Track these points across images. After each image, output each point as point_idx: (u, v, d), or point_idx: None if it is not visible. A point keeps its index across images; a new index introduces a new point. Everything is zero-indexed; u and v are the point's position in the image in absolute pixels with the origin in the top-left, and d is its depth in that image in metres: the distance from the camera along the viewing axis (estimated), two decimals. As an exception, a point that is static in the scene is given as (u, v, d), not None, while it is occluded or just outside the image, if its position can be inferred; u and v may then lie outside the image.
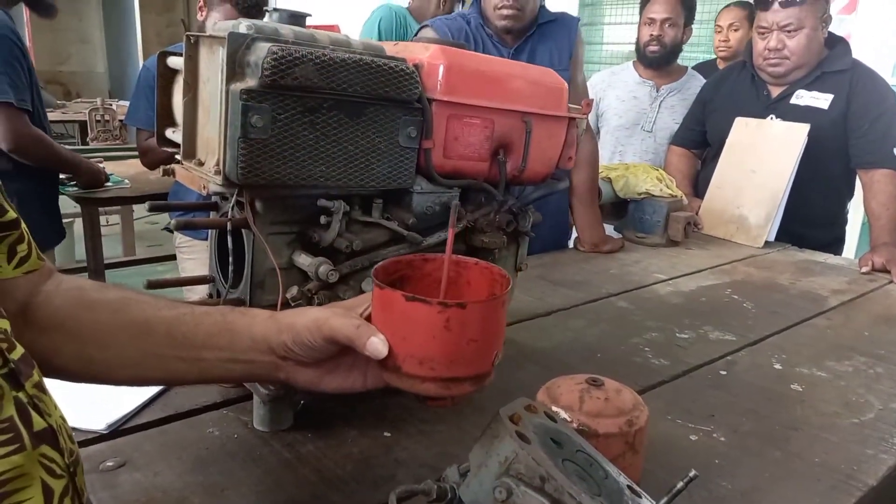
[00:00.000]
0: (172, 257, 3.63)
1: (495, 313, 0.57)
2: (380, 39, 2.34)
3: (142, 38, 7.47)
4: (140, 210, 4.38)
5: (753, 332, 1.22)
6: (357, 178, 0.74)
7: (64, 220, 3.57)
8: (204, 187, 0.73)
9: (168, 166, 0.76)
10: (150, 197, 2.34)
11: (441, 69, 0.78)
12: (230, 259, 0.78)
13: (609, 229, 1.95)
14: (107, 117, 3.82)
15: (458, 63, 0.79)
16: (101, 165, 2.45)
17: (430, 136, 0.78)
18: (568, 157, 0.94)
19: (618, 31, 5.17)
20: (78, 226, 3.14)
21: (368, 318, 0.58)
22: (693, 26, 2.48)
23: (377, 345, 0.55)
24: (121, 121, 4.14)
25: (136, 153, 3.45)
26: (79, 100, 6.15)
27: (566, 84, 0.91)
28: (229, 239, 0.76)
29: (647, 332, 1.20)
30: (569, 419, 0.69)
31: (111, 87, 8.26)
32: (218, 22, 0.74)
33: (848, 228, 2.22)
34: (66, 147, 2.24)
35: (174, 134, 0.83)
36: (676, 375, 1.03)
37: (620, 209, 1.95)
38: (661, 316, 1.29)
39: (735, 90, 2.11)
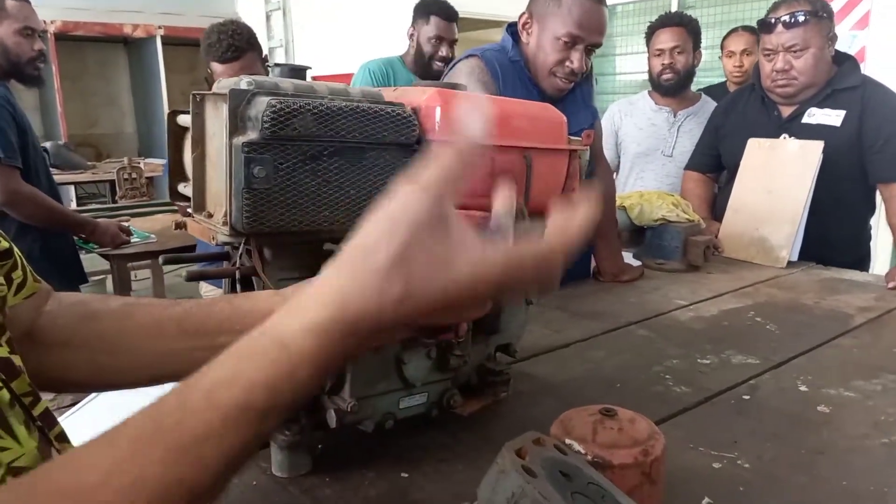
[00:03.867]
0: (201, 308, 3.71)
1: None
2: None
3: (167, 97, 7.72)
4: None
5: (777, 355, 1.20)
6: (361, 221, 0.76)
7: (95, 277, 3.68)
8: (213, 238, 0.75)
9: (180, 220, 0.79)
10: (175, 250, 2.40)
11: (438, 111, 0.80)
12: (242, 307, 0.79)
13: (627, 257, 1.94)
14: (133, 175, 3.95)
15: (454, 104, 0.81)
16: (126, 224, 2.52)
17: (432, 177, 0.80)
18: (571, 189, 0.95)
19: (629, 61, 5.23)
20: (110, 283, 3.21)
21: None
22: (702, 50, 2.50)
23: None
24: (147, 178, 4.26)
25: (164, 208, 3.56)
26: (108, 160, 6.37)
27: (565, 118, 0.92)
28: (239, 287, 0.78)
29: (668, 360, 1.18)
30: (582, 451, 0.69)
31: (140, 146, 8.52)
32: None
33: (876, 245, 2.18)
34: (78, 209, 2.33)
35: (185, 188, 0.86)
36: (699, 402, 1.02)
37: (638, 236, 1.94)
38: (682, 342, 1.27)
39: (746, 113, 2.11)
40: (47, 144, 4.91)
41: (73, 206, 5.51)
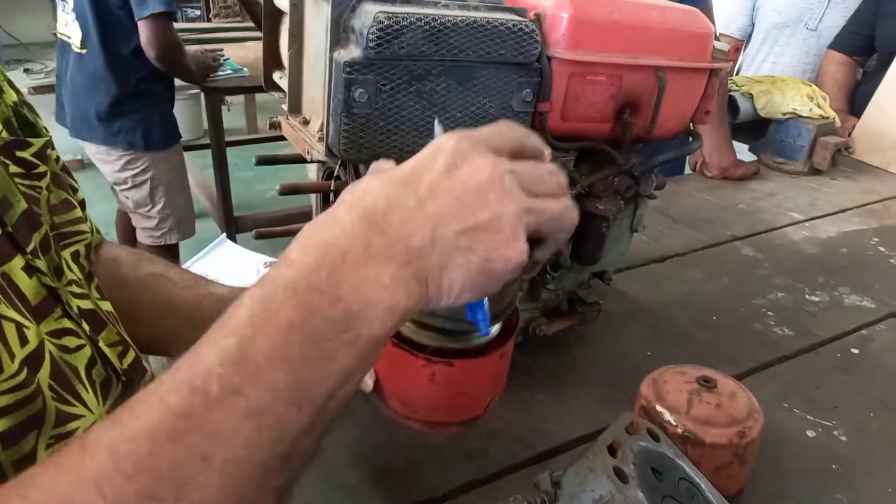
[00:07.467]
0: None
1: (489, 367, 0.54)
2: None
3: None
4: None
5: (898, 299, 1.10)
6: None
7: (191, 91, 3.70)
8: (308, 153, 0.70)
9: (274, 119, 0.74)
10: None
11: (565, 21, 0.68)
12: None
13: (743, 150, 1.77)
14: (228, -7, 3.83)
15: (585, 13, 0.69)
16: (221, 54, 2.49)
17: (548, 99, 0.70)
18: (705, 112, 0.83)
19: None
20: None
21: None
22: None
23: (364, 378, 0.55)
24: (242, -5, 4.13)
25: (258, 34, 3.43)
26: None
27: (713, 28, 0.78)
28: (333, 200, 0.75)
29: (772, 291, 1.10)
30: (674, 422, 0.66)
31: (234, -48, 8.21)
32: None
33: None
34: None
35: (281, 80, 0.80)
36: (801, 350, 0.95)
37: (759, 128, 1.75)
38: (791, 270, 1.18)
39: (921, -12, 1.78)
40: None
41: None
